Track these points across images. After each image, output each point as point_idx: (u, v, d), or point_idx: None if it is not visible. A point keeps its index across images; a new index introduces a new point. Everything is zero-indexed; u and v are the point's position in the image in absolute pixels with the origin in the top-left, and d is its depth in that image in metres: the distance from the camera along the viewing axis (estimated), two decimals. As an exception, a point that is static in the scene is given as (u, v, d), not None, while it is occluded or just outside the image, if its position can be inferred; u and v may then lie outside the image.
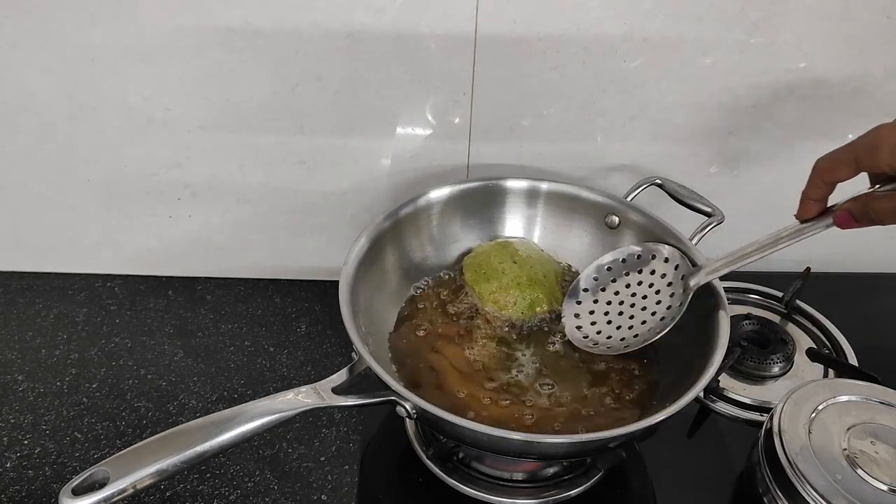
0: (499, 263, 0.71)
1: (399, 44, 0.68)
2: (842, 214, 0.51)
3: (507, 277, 0.70)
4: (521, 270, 0.70)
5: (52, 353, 0.75)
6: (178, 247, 0.82)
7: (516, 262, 0.71)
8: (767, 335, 0.76)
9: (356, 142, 0.75)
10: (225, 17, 0.66)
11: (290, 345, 0.77)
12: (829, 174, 0.50)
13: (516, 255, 0.71)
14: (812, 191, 0.52)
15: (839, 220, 0.52)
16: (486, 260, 0.71)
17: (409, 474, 0.64)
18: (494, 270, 0.70)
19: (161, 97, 0.70)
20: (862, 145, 0.48)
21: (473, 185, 0.73)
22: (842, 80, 0.73)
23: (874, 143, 0.47)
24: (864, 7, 0.68)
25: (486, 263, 0.71)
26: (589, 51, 0.69)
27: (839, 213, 0.51)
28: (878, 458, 0.55)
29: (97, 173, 0.76)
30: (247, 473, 0.64)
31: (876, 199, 0.49)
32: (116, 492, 0.45)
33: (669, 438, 0.68)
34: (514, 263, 0.71)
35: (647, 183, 0.73)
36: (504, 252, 0.72)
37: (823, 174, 0.51)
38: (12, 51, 0.67)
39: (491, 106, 0.73)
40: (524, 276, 0.70)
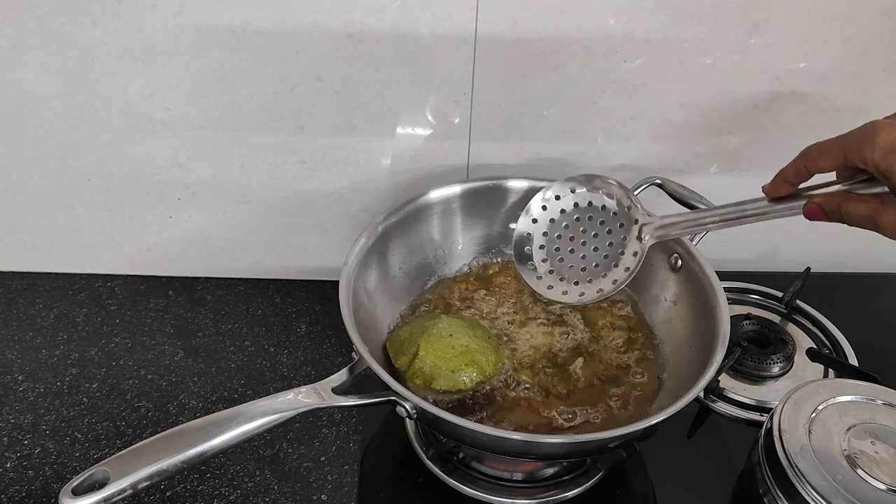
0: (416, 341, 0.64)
1: (399, 44, 0.68)
2: (813, 207, 0.50)
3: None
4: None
5: (52, 353, 0.75)
6: (178, 247, 0.82)
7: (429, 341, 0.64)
8: (767, 335, 0.76)
9: (356, 142, 0.75)
10: (225, 17, 0.66)
11: (290, 345, 0.77)
12: (814, 162, 0.49)
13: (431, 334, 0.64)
14: (791, 173, 0.51)
15: (809, 212, 0.50)
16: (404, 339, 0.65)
17: (409, 474, 0.64)
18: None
19: (161, 97, 0.70)
20: (853, 140, 0.47)
21: (473, 185, 0.73)
22: (842, 80, 0.73)
23: (866, 140, 0.46)
24: (864, 7, 0.68)
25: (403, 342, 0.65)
26: (589, 51, 0.69)
27: (811, 206, 0.50)
28: (878, 458, 0.55)
29: (97, 173, 0.76)
30: (247, 473, 0.64)
31: (852, 200, 0.48)
32: (116, 492, 0.45)
33: (669, 438, 0.68)
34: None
35: (647, 183, 0.73)
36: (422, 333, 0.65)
37: (808, 161, 0.50)
38: (12, 51, 0.67)
39: (491, 106, 0.73)
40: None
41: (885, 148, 0.44)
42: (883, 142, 0.44)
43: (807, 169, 0.50)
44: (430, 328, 0.64)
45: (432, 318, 0.66)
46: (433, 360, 0.62)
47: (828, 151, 0.48)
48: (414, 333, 0.64)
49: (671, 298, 0.69)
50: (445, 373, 0.61)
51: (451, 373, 0.61)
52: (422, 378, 0.61)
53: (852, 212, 0.47)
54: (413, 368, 0.62)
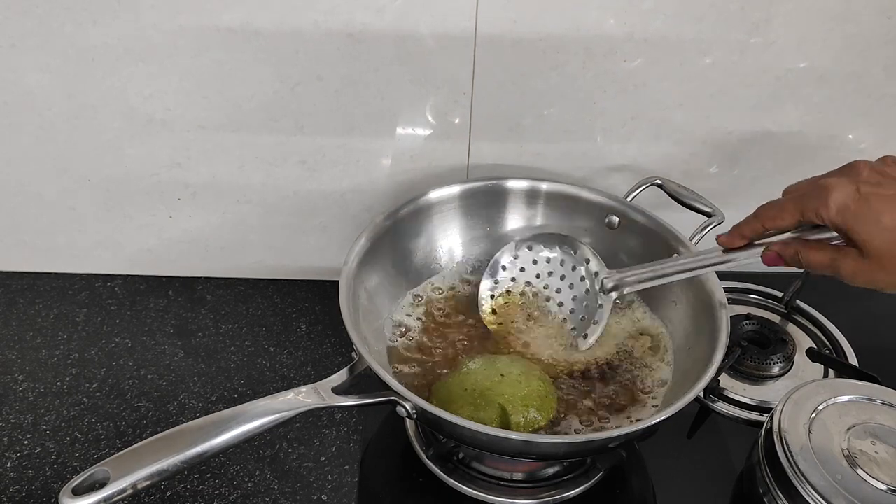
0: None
1: (399, 44, 0.68)
2: (771, 255, 0.54)
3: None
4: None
5: (52, 353, 0.75)
6: (178, 247, 0.82)
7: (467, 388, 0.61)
8: (767, 335, 0.76)
9: (356, 142, 0.75)
10: (225, 17, 0.66)
11: (290, 345, 0.77)
12: (772, 221, 0.53)
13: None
14: (746, 228, 0.55)
15: (768, 260, 0.54)
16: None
17: (409, 474, 0.64)
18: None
19: (161, 97, 0.70)
20: (808, 200, 0.49)
21: (474, 185, 0.73)
22: (842, 80, 0.73)
23: (821, 199, 0.48)
24: (864, 7, 0.68)
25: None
26: (589, 51, 0.69)
27: (769, 254, 0.54)
28: (878, 458, 0.55)
29: (97, 173, 0.76)
30: (247, 473, 0.64)
31: (810, 249, 0.51)
32: (116, 492, 0.45)
33: (669, 438, 0.68)
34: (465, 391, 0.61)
35: (647, 183, 0.73)
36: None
37: (766, 220, 0.53)
38: (12, 51, 0.67)
39: (491, 106, 0.73)
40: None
41: (838, 206, 0.48)
42: (836, 201, 0.48)
43: (764, 227, 0.53)
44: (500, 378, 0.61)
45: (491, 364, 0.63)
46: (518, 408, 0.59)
47: (783, 210, 0.52)
48: (479, 386, 0.60)
49: (671, 298, 0.69)
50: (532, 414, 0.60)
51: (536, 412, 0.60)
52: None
53: (812, 260, 0.51)
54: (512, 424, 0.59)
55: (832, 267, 0.50)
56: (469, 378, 0.61)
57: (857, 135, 0.77)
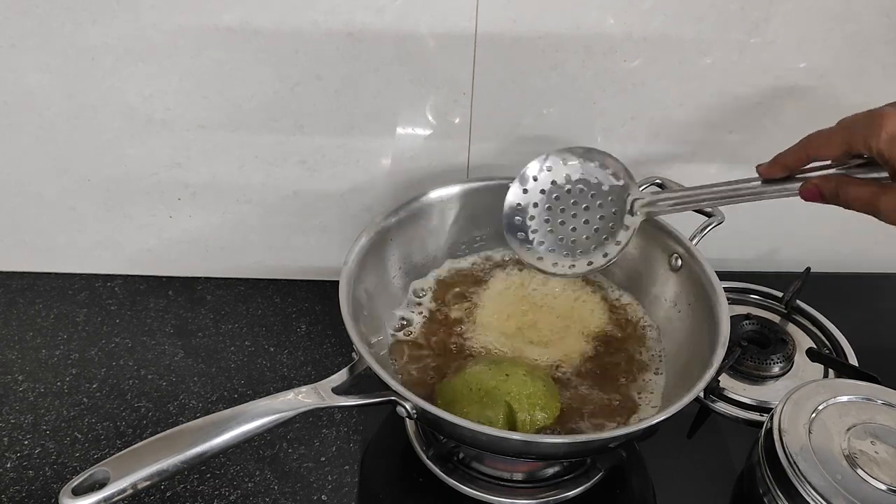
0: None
1: (399, 44, 0.68)
2: (811, 189, 0.50)
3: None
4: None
5: (52, 353, 0.75)
6: (178, 247, 0.82)
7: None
8: (767, 335, 0.76)
9: (356, 142, 0.75)
10: (225, 17, 0.66)
11: (291, 345, 0.77)
12: (817, 149, 0.49)
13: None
14: (790, 158, 0.51)
15: (807, 194, 0.50)
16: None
17: (409, 474, 0.64)
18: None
19: (161, 97, 0.70)
20: (858, 128, 0.46)
21: (474, 185, 0.73)
22: (841, 80, 0.73)
23: (871, 128, 0.45)
24: (864, 7, 0.68)
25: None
26: (589, 50, 0.69)
27: (808, 188, 0.50)
28: (878, 458, 0.55)
29: (97, 173, 0.76)
30: (247, 473, 0.64)
31: (851, 184, 0.48)
32: (116, 492, 0.45)
33: (669, 438, 0.68)
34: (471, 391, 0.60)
35: (648, 183, 0.73)
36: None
37: (811, 147, 0.49)
38: (12, 51, 0.67)
39: (491, 106, 0.73)
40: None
41: (890, 136, 0.44)
42: (889, 130, 0.44)
43: (808, 156, 0.50)
44: (507, 380, 0.60)
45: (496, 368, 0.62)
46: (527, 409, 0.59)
47: (831, 139, 0.48)
48: (485, 386, 0.59)
49: (671, 298, 0.69)
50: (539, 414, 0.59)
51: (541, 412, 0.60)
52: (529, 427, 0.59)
53: (852, 195, 0.47)
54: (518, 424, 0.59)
55: (872, 204, 0.46)
56: (474, 377, 0.60)
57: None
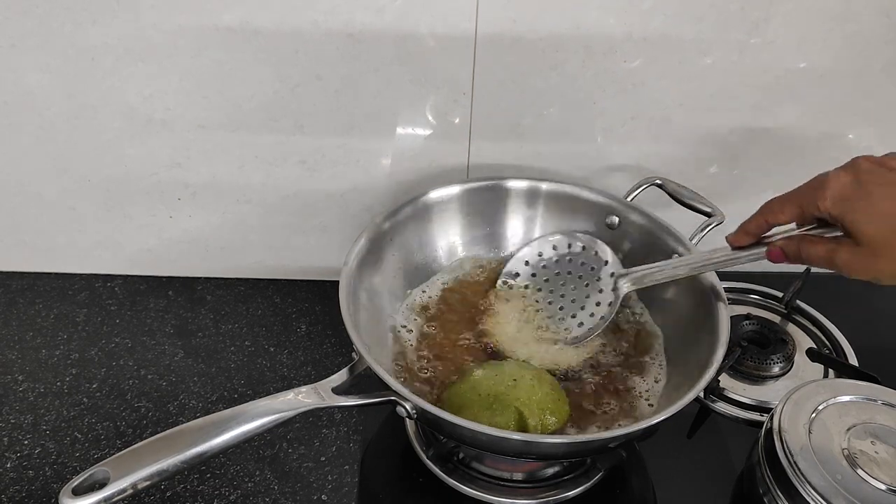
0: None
1: (399, 44, 0.68)
2: (775, 251, 0.55)
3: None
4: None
5: (52, 353, 0.75)
6: (178, 247, 0.82)
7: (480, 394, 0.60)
8: (767, 335, 0.76)
9: (356, 142, 0.75)
10: (225, 17, 0.66)
11: (291, 345, 0.77)
12: (774, 216, 0.54)
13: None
14: (752, 225, 0.56)
15: (772, 256, 0.55)
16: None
17: (409, 474, 0.64)
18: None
19: (161, 97, 0.70)
20: (807, 193, 0.51)
21: (474, 185, 0.73)
22: (842, 80, 0.73)
23: (818, 191, 0.50)
24: (864, 7, 0.68)
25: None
26: (589, 50, 0.69)
27: (773, 250, 0.55)
28: (878, 458, 0.55)
29: (97, 173, 0.76)
30: (247, 473, 0.64)
31: (810, 243, 0.52)
32: (116, 492, 0.45)
33: (669, 438, 0.68)
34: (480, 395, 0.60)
35: (647, 183, 0.73)
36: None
37: (768, 214, 0.55)
38: (12, 51, 0.67)
39: (491, 106, 0.73)
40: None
41: (835, 197, 0.49)
42: (833, 190, 0.50)
43: (767, 222, 0.55)
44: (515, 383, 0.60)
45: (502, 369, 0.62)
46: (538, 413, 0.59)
47: (786, 204, 0.53)
48: (493, 391, 0.59)
49: (671, 299, 0.69)
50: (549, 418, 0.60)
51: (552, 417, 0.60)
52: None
53: (812, 253, 0.52)
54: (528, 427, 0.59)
55: (829, 258, 0.51)
56: (482, 383, 0.60)
57: (857, 134, 0.77)
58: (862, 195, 0.48)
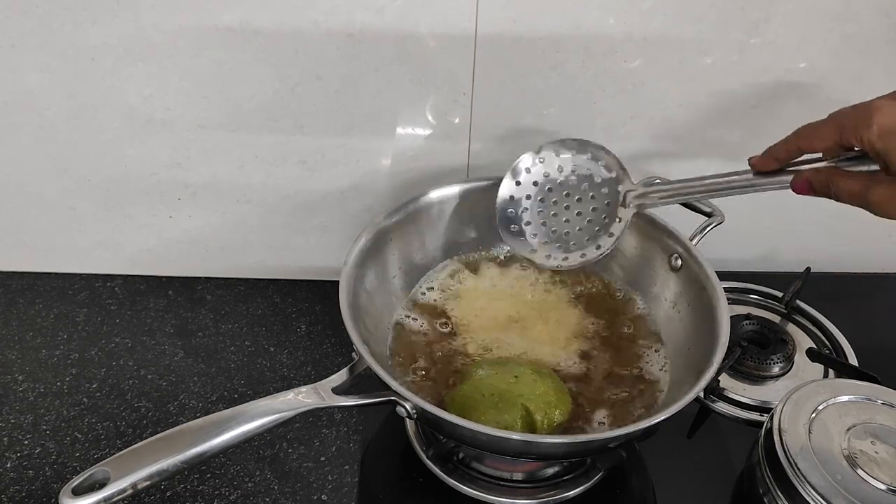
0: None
1: (399, 44, 0.68)
2: (802, 183, 0.50)
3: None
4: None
5: (52, 353, 0.75)
6: (178, 247, 0.82)
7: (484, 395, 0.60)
8: (767, 335, 0.76)
9: (356, 142, 0.75)
10: (225, 17, 0.66)
11: (291, 345, 0.77)
12: (808, 142, 0.49)
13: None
14: (781, 150, 0.51)
15: (798, 187, 0.51)
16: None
17: (409, 474, 0.64)
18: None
19: (161, 97, 0.70)
20: (850, 120, 0.47)
21: (474, 185, 0.73)
22: (842, 80, 0.73)
23: (863, 120, 0.46)
24: (864, 7, 0.68)
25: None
26: (589, 51, 0.69)
27: (799, 181, 0.50)
28: (878, 458, 0.55)
29: (97, 173, 0.76)
30: (247, 473, 0.64)
31: (842, 176, 0.48)
32: (116, 492, 0.45)
33: (669, 438, 0.68)
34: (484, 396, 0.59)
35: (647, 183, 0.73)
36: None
37: (802, 140, 0.50)
38: (12, 51, 0.67)
39: (491, 106, 0.73)
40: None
41: (883, 129, 0.45)
42: (881, 123, 0.45)
43: (799, 148, 0.50)
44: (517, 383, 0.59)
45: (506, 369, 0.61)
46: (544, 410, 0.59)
47: (822, 131, 0.48)
48: (498, 390, 0.59)
49: (671, 298, 0.69)
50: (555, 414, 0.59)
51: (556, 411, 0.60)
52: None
53: (843, 188, 0.48)
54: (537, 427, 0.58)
55: (863, 195, 0.47)
56: (484, 383, 0.60)
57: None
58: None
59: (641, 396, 0.63)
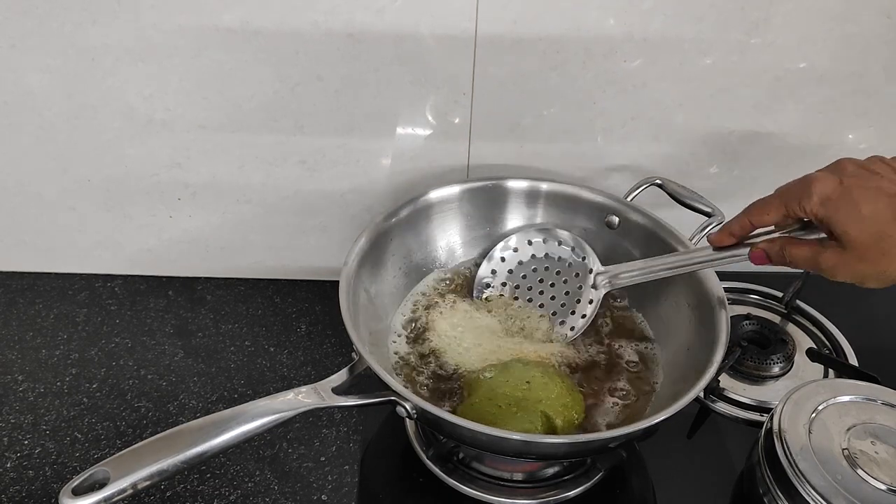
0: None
1: (399, 44, 0.68)
2: (758, 253, 0.55)
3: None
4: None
5: (52, 353, 0.75)
6: (178, 247, 0.82)
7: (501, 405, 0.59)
8: (767, 335, 0.76)
9: (356, 142, 0.75)
10: (225, 17, 0.66)
11: (290, 345, 0.77)
12: (758, 217, 0.54)
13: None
14: (736, 226, 0.56)
15: (754, 258, 0.55)
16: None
17: (409, 474, 0.64)
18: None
19: (161, 97, 0.70)
20: (793, 193, 0.51)
21: (474, 186, 0.73)
22: (842, 80, 0.73)
23: (804, 191, 0.50)
24: (864, 7, 0.68)
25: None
26: (589, 51, 0.69)
27: (756, 252, 0.55)
28: (878, 458, 0.55)
29: (97, 173, 0.76)
30: (247, 473, 0.64)
31: (793, 245, 0.52)
32: (116, 492, 0.45)
33: (669, 438, 0.68)
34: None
35: (648, 183, 0.73)
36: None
37: (753, 216, 0.54)
38: (12, 51, 0.67)
39: (491, 106, 0.73)
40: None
41: (821, 197, 0.49)
42: (819, 192, 0.49)
43: (751, 223, 0.55)
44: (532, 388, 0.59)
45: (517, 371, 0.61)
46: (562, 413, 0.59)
47: (770, 205, 0.53)
48: (517, 395, 0.59)
49: (671, 299, 0.69)
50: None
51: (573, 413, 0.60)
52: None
53: (796, 255, 0.52)
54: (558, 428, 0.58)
55: (814, 260, 0.51)
56: (497, 393, 0.59)
57: (857, 135, 0.77)
58: (846, 198, 0.48)
59: (641, 396, 0.63)
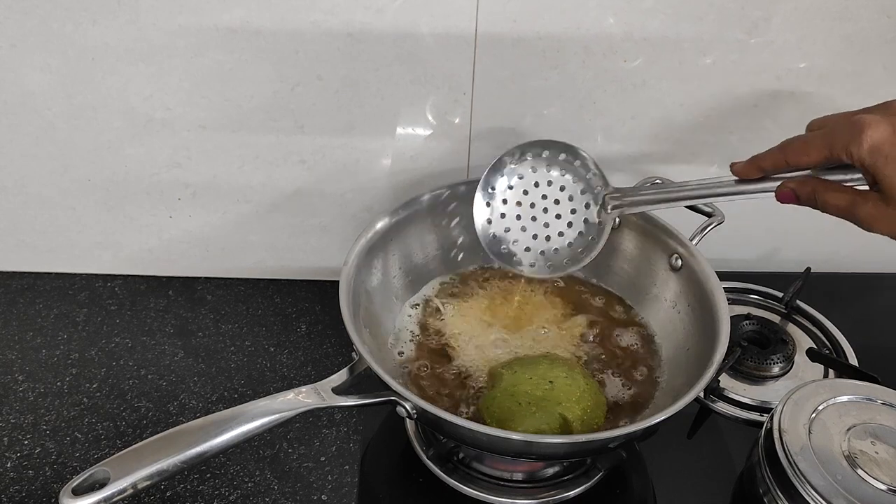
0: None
1: (399, 44, 0.68)
2: (787, 192, 0.50)
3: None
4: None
5: (52, 353, 0.75)
6: (178, 247, 0.82)
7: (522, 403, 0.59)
8: (767, 335, 0.76)
9: (356, 142, 0.75)
10: (225, 17, 0.66)
11: (291, 345, 0.77)
12: (796, 155, 0.49)
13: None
14: (767, 161, 0.51)
15: (782, 197, 0.50)
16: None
17: (409, 474, 0.64)
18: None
19: (161, 97, 0.70)
20: (840, 135, 0.46)
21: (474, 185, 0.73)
22: (841, 80, 0.73)
23: (853, 135, 0.45)
24: (864, 7, 0.68)
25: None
26: (589, 50, 0.69)
27: (784, 191, 0.50)
28: (878, 458, 0.55)
29: (97, 173, 0.76)
30: (247, 473, 0.64)
31: (829, 189, 0.48)
32: (116, 492, 0.45)
33: (669, 438, 0.68)
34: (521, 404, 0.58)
35: (647, 183, 0.73)
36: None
37: (790, 153, 0.49)
38: (12, 51, 0.67)
39: (491, 106, 0.73)
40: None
41: (872, 145, 0.44)
42: (871, 138, 0.44)
43: (787, 162, 0.49)
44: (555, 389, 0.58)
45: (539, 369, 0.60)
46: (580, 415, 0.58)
47: (811, 146, 0.48)
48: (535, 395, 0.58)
49: (671, 298, 0.69)
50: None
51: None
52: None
53: (829, 201, 0.47)
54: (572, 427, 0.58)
55: (850, 210, 0.47)
56: (519, 390, 0.59)
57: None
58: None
59: (641, 396, 0.63)
